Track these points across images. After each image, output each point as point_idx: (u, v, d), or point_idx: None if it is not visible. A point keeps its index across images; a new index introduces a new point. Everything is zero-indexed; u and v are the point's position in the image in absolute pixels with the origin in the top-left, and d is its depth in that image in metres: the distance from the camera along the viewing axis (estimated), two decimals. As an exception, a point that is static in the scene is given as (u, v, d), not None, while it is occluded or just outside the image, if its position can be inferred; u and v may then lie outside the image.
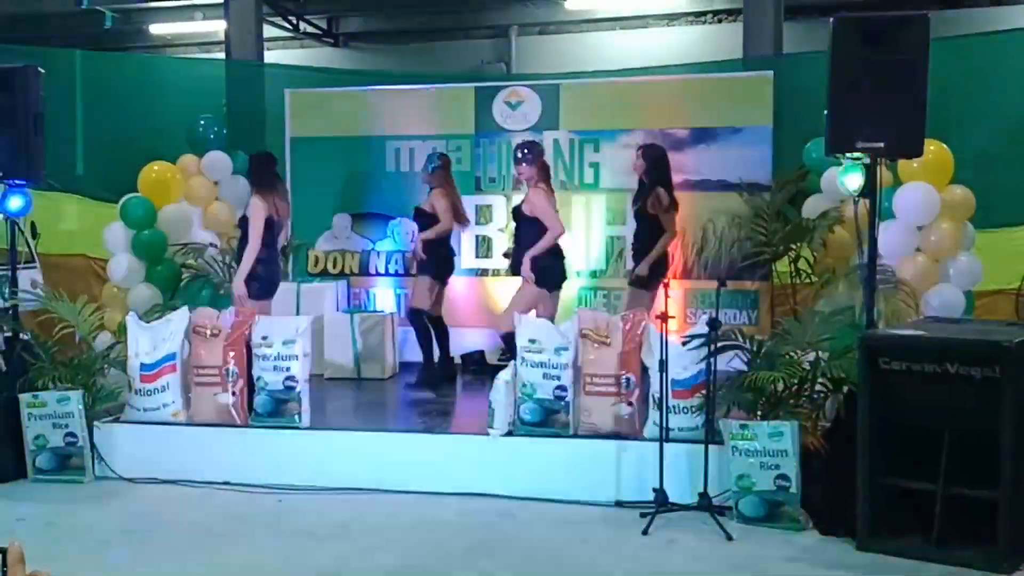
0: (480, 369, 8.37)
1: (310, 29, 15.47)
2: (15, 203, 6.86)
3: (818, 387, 5.80)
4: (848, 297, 6.54)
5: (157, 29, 15.31)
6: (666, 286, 5.97)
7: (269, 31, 13.55)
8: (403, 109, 9.28)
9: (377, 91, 9.68)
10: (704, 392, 5.86)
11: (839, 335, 5.92)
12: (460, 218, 8.23)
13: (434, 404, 7.62)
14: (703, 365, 5.84)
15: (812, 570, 4.98)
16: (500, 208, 8.91)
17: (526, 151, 7.60)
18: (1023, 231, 7.78)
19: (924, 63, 5.51)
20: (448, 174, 8.21)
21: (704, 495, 5.58)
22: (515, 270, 7.57)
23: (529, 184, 7.54)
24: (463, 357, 8.65)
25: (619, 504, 5.85)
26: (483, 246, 8.95)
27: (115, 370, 6.91)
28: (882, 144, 5.60)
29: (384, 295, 9.22)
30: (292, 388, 6.55)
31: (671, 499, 5.62)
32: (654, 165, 7.48)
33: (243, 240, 7.35)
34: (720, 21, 14.15)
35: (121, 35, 14.95)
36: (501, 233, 8.87)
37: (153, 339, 6.76)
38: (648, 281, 7.26)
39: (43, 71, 6.87)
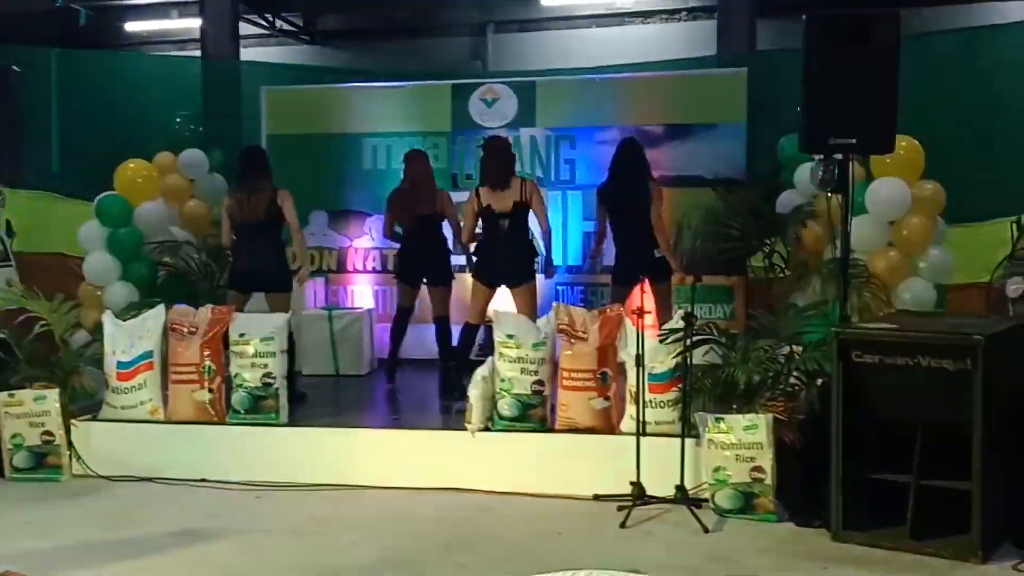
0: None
1: (286, 27, 15.44)
2: (-10, 202, 6.84)
3: (792, 380, 5.87)
4: (821, 291, 6.60)
5: (132, 27, 15.25)
6: (642, 282, 6.02)
7: (245, 29, 13.52)
8: (380, 106, 9.28)
9: (354, 88, 9.68)
10: (680, 386, 5.91)
11: (813, 329, 5.99)
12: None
13: (412, 399, 7.65)
14: (679, 359, 5.89)
15: (787, 561, 5.03)
16: (477, 205, 8.92)
17: None
18: (993, 225, 7.85)
19: (896, 60, 5.58)
20: (408, 170, 7.93)
21: (681, 488, 5.64)
22: None
23: None
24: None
25: (597, 497, 5.89)
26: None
27: (92, 368, 6.90)
28: (855, 140, 5.66)
29: (362, 292, 9.23)
30: (270, 385, 6.56)
31: (648, 492, 5.66)
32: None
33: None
34: (695, 18, 14.21)
35: (96, 33, 14.86)
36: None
37: (130, 337, 6.75)
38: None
39: (18, 69, 6.85)
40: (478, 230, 7.42)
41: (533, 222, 7.42)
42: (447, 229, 7.86)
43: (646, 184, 7.33)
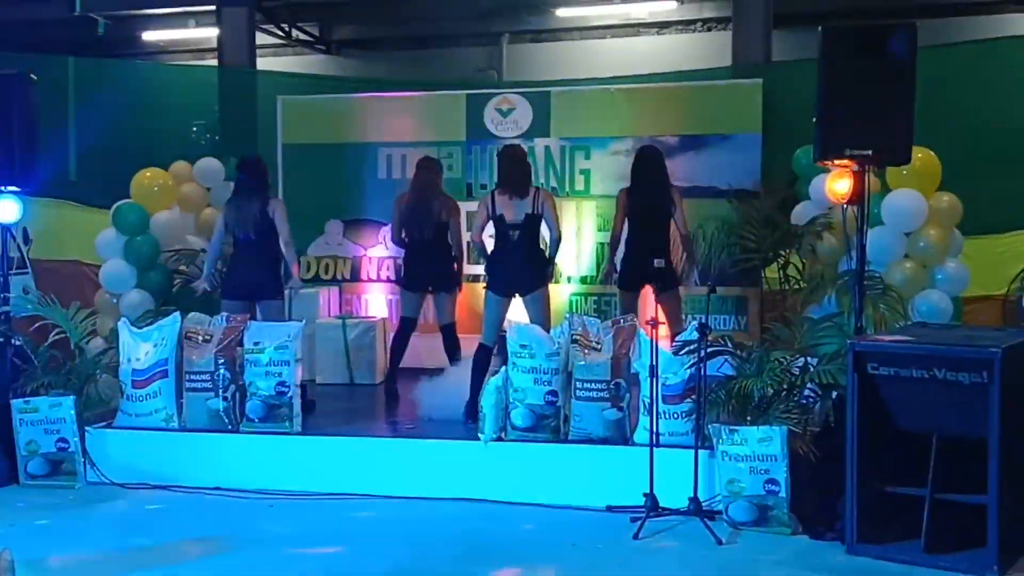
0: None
1: (302, 36, 15.47)
2: (8, 210, 6.87)
3: (807, 392, 5.84)
4: (837, 303, 6.58)
5: (150, 36, 15.31)
6: (655, 291, 6.00)
7: (261, 38, 13.56)
8: (395, 116, 9.31)
9: (369, 98, 9.71)
10: (694, 397, 5.90)
11: (828, 341, 5.97)
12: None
13: (426, 409, 7.64)
14: (693, 370, 5.88)
15: (801, 574, 5.01)
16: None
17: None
18: (1010, 238, 7.86)
19: (912, 71, 5.57)
20: (415, 178, 7.91)
21: (694, 500, 5.62)
22: None
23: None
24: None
25: (610, 509, 5.87)
26: (474, 252, 8.95)
27: (107, 376, 6.93)
28: (870, 151, 5.65)
29: (376, 301, 9.24)
30: (284, 393, 6.57)
31: (661, 504, 5.64)
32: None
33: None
34: (710, 29, 14.19)
35: (114, 42, 14.93)
36: (492, 240, 8.87)
37: (145, 345, 6.78)
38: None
39: (36, 78, 6.90)
40: (489, 234, 7.39)
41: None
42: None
43: (665, 191, 7.31)
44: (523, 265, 7.20)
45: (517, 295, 7.26)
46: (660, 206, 7.26)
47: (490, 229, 7.35)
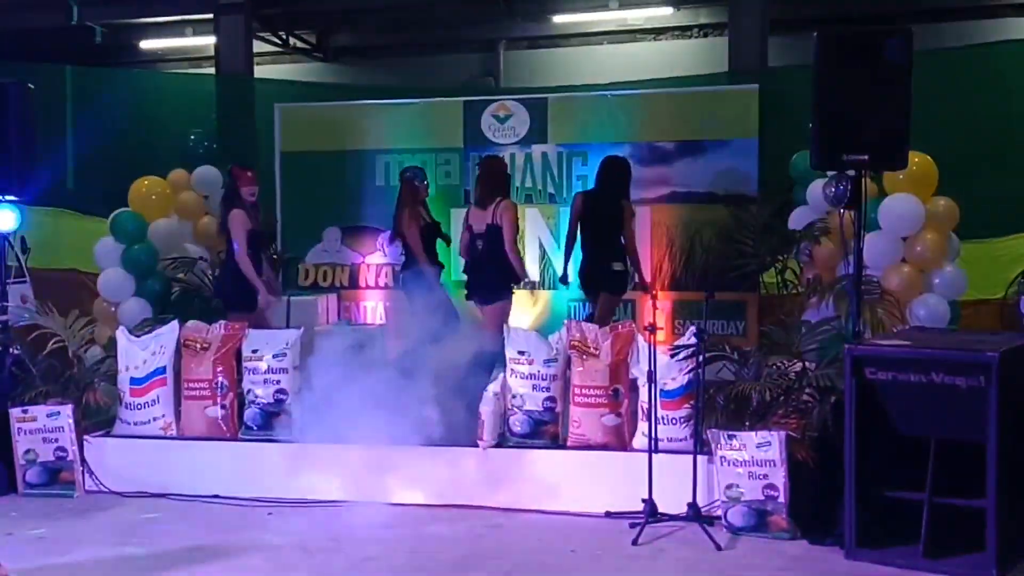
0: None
1: (300, 44, 15.52)
2: (6, 219, 6.87)
3: (805, 397, 5.85)
4: (835, 308, 6.59)
5: (147, 44, 15.36)
6: (654, 297, 6.03)
7: (259, 46, 13.61)
8: (392, 123, 9.30)
9: (366, 105, 9.71)
10: (693, 403, 5.90)
11: (826, 345, 5.98)
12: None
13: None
14: (691, 376, 5.88)
15: (800, 579, 5.02)
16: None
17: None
18: (1007, 241, 7.87)
19: (908, 76, 5.57)
20: (403, 192, 8.07)
21: (693, 505, 5.62)
22: None
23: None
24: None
25: (609, 515, 5.87)
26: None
27: (105, 384, 6.93)
28: (867, 156, 5.65)
29: (374, 308, 9.24)
30: (282, 401, 6.57)
31: (660, 509, 5.64)
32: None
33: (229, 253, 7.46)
34: (706, 35, 14.24)
35: (111, 51, 14.98)
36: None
37: (143, 353, 6.77)
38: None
39: (32, 87, 6.91)
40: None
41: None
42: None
43: (618, 202, 7.61)
44: (483, 275, 7.49)
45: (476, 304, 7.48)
46: (616, 215, 7.63)
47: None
